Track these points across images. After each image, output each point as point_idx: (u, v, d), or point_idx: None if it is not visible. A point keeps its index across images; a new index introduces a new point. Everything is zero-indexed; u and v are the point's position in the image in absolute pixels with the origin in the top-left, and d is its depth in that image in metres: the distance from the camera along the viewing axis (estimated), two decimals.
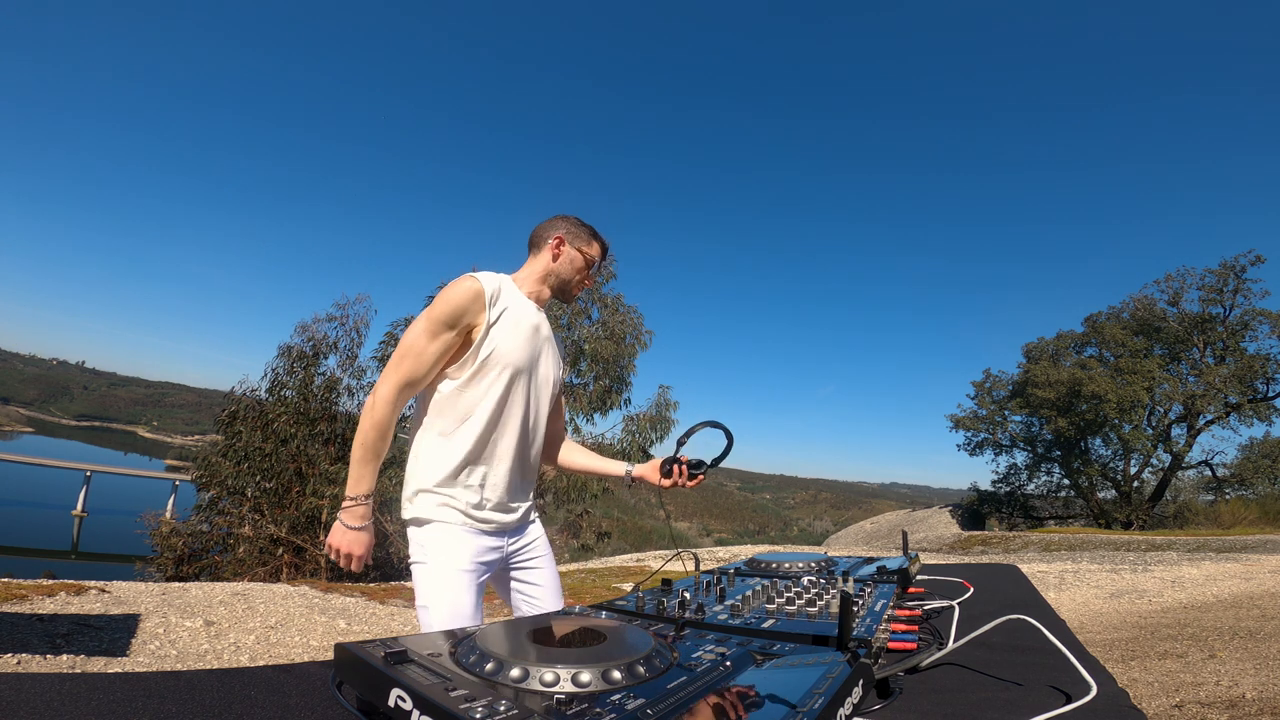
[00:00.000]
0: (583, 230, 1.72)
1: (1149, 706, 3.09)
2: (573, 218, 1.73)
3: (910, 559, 1.49)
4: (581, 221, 1.73)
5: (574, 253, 1.69)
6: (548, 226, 1.71)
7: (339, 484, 12.46)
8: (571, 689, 0.54)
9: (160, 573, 12.36)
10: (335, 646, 0.63)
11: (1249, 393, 23.33)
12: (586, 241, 1.71)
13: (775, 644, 0.75)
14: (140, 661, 3.89)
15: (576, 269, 1.70)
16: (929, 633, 1.04)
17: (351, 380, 14.22)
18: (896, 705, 0.73)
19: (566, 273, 1.69)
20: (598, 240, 1.74)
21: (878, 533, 23.86)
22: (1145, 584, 8.14)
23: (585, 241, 1.71)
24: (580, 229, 1.71)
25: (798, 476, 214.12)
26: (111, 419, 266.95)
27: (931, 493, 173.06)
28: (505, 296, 1.57)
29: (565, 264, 1.68)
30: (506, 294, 1.58)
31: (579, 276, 1.71)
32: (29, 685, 0.63)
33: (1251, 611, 5.71)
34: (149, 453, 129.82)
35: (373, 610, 6.25)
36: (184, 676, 0.71)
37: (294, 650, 4.58)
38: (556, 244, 1.68)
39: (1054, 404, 24.34)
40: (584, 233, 1.71)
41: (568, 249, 1.69)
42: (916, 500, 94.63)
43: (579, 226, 1.72)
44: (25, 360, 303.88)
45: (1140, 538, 17.05)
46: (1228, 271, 23.66)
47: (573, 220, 1.73)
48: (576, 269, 1.70)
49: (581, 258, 1.70)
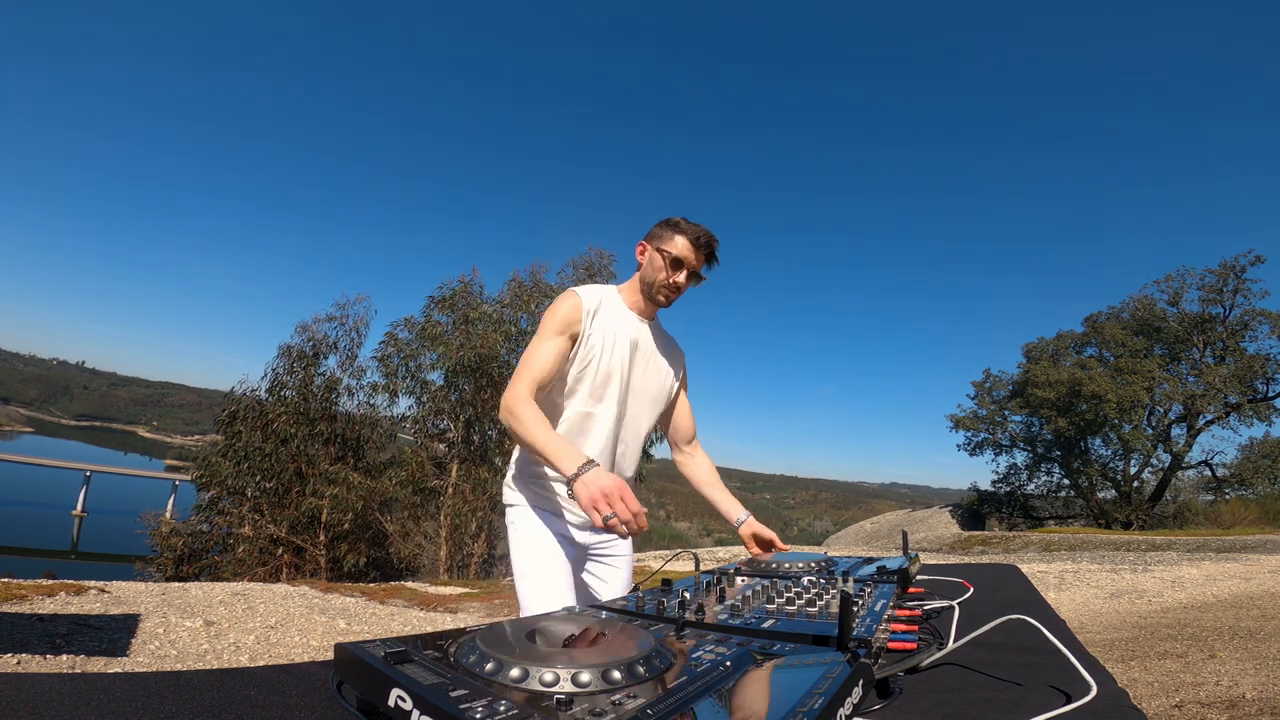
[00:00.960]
0: (665, 227, 1.66)
1: (1149, 706, 3.09)
2: (670, 218, 1.68)
3: (910, 559, 1.48)
4: (670, 219, 1.67)
5: (653, 253, 1.66)
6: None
7: (338, 484, 12.47)
8: (571, 689, 0.54)
9: (160, 573, 12.36)
10: (335, 646, 0.63)
11: (1249, 393, 23.33)
12: (667, 238, 1.64)
13: (775, 644, 0.75)
14: (140, 661, 3.89)
15: (657, 270, 1.65)
16: (929, 633, 1.04)
17: (351, 380, 14.25)
18: (896, 705, 0.73)
19: (650, 276, 1.66)
20: (680, 233, 1.64)
21: (878, 533, 23.86)
22: (1145, 584, 8.14)
23: (665, 238, 1.64)
24: (663, 226, 1.66)
25: (798, 476, 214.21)
26: (111, 419, 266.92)
27: (931, 493, 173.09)
28: (604, 310, 1.62)
29: (648, 268, 1.66)
30: (606, 308, 1.63)
31: (661, 277, 1.65)
32: (29, 685, 0.63)
33: (1251, 611, 5.71)
34: (149, 453, 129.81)
35: (373, 610, 6.25)
36: (184, 676, 0.71)
37: (294, 650, 4.58)
38: (640, 249, 1.69)
39: (1054, 404, 24.33)
40: (665, 230, 1.66)
41: (649, 251, 1.66)
42: (916, 500, 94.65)
43: (663, 224, 1.67)
44: (25, 360, 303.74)
45: (1140, 538, 17.05)
46: (1228, 271, 23.66)
47: (664, 220, 1.68)
48: (657, 270, 1.65)
49: (660, 257, 1.64)
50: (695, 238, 1.63)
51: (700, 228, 1.64)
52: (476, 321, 13.00)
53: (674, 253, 1.63)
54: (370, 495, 12.59)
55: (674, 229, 1.64)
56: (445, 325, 13.44)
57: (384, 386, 13.81)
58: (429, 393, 13.44)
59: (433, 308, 13.73)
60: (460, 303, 13.57)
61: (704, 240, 1.64)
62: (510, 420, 1.45)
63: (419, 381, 13.55)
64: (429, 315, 13.74)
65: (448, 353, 12.69)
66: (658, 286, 1.66)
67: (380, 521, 13.05)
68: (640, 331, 1.68)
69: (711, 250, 1.67)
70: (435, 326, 13.44)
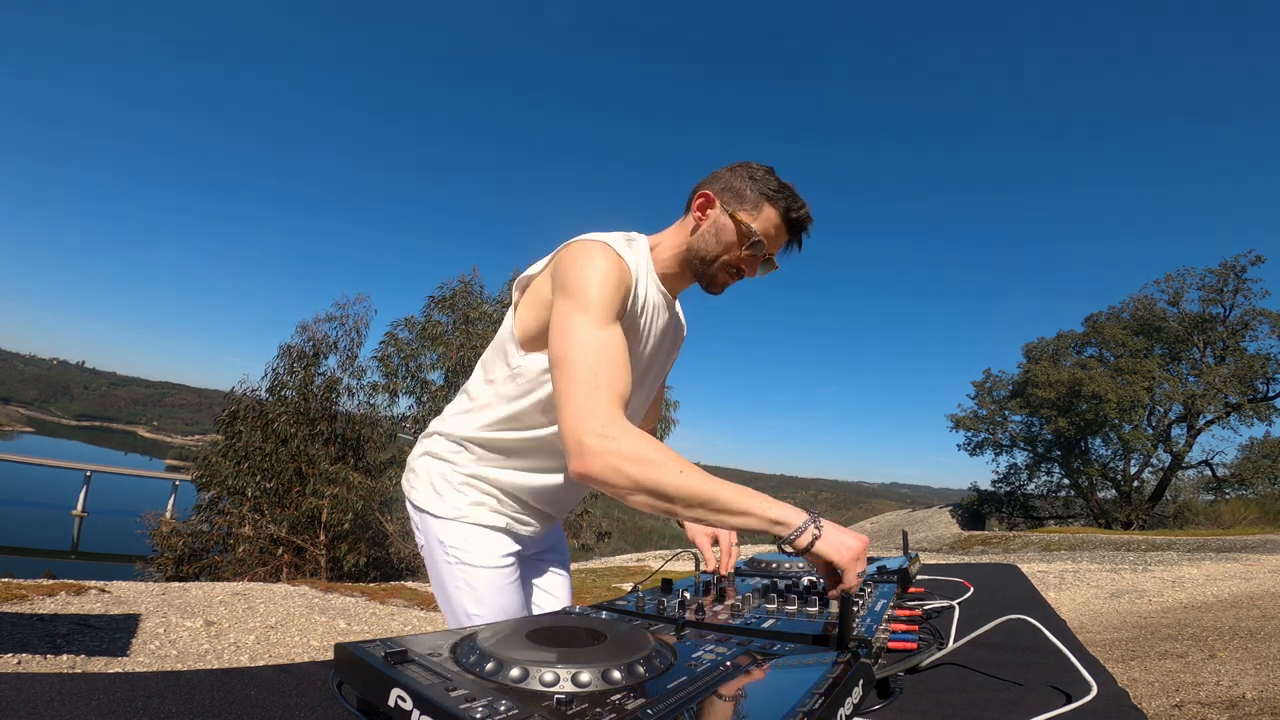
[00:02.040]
0: (750, 184, 1.14)
1: (1149, 706, 3.09)
2: (750, 166, 1.16)
3: (910, 559, 1.48)
4: (755, 170, 1.15)
5: (724, 220, 1.14)
6: (708, 180, 1.18)
7: (338, 484, 12.46)
8: (571, 689, 0.54)
9: (160, 573, 12.36)
10: (335, 646, 0.63)
11: (1249, 393, 23.36)
12: (752, 203, 1.13)
13: (775, 644, 0.75)
14: (140, 661, 3.89)
15: (725, 244, 1.14)
16: (929, 633, 1.03)
17: (351, 380, 14.25)
18: (896, 705, 0.73)
19: (708, 248, 1.15)
20: (773, 202, 1.13)
21: (878, 533, 23.85)
22: (1145, 584, 8.14)
23: (749, 202, 1.13)
24: (748, 181, 1.14)
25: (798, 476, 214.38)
26: (111, 419, 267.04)
27: (931, 492, 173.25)
28: (642, 286, 1.14)
29: (709, 236, 1.15)
30: (643, 279, 1.14)
31: (727, 256, 1.15)
32: (29, 685, 0.63)
33: (1252, 611, 5.71)
34: (149, 453, 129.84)
35: (373, 610, 6.25)
36: (184, 676, 0.71)
37: (294, 650, 4.58)
38: (701, 203, 1.16)
39: (1054, 404, 24.35)
40: (750, 188, 1.13)
41: (716, 212, 1.15)
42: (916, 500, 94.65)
43: (747, 177, 1.14)
44: (25, 360, 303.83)
45: (1140, 538, 17.05)
46: (1228, 271, 23.69)
47: (744, 170, 1.16)
48: (725, 244, 1.14)
49: (735, 228, 1.13)
50: (792, 214, 1.14)
51: (801, 200, 1.15)
52: (477, 321, 13.04)
53: (759, 231, 1.13)
54: (370, 495, 12.60)
55: (765, 192, 1.13)
56: (445, 325, 13.49)
57: (384, 386, 13.83)
58: (429, 393, 13.46)
59: (433, 308, 13.77)
60: (460, 302, 13.61)
61: (800, 220, 1.16)
62: (637, 471, 0.90)
63: (419, 381, 13.59)
64: (429, 315, 13.79)
65: (448, 353, 12.73)
66: (719, 266, 1.16)
67: (380, 521, 13.05)
68: (666, 314, 1.23)
69: (802, 233, 1.19)
70: (435, 326, 13.48)
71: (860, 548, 0.90)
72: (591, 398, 0.94)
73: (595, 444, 0.91)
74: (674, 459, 0.91)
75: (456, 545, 1.24)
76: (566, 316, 1.01)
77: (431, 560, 1.28)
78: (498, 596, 1.24)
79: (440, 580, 1.27)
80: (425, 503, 1.28)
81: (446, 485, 1.27)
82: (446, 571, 1.25)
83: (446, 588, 1.25)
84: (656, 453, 0.91)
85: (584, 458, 0.92)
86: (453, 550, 1.24)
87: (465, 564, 1.24)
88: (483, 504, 1.27)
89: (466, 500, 1.26)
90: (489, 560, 1.25)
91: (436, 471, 1.29)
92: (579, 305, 1.01)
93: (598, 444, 0.91)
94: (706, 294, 1.23)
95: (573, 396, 0.94)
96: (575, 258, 1.05)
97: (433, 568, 1.28)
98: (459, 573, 1.23)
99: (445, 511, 1.26)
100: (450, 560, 1.24)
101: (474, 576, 1.23)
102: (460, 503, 1.26)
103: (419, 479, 1.32)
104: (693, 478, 0.90)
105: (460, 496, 1.26)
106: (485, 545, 1.25)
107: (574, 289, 1.02)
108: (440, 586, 1.28)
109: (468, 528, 1.26)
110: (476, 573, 1.23)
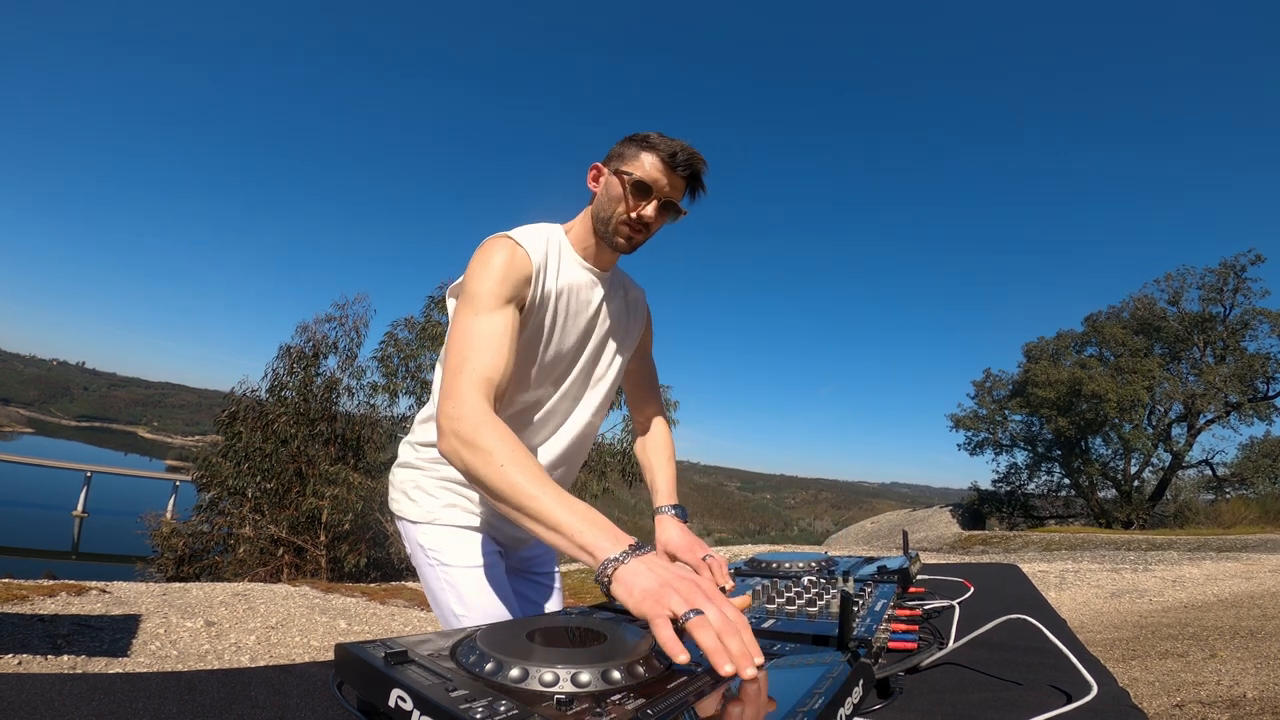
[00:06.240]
0: (629, 144, 1.18)
1: (1150, 706, 3.09)
2: (637, 133, 1.19)
3: (910, 559, 1.48)
4: (636, 134, 1.19)
5: (610, 178, 1.18)
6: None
7: (338, 484, 12.47)
8: (571, 689, 0.54)
9: (161, 573, 12.37)
10: (336, 647, 0.63)
11: (1249, 392, 23.34)
12: (630, 157, 1.16)
13: (775, 644, 0.75)
14: (141, 662, 3.89)
15: (615, 200, 1.17)
16: (929, 633, 1.03)
17: (351, 380, 14.25)
18: (896, 705, 0.73)
19: (605, 209, 1.18)
20: (649, 149, 1.15)
21: (878, 532, 23.84)
22: (1146, 583, 8.14)
23: (628, 157, 1.16)
24: (626, 143, 1.18)
25: (798, 476, 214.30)
26: (111, 419, 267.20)
27: (932, 492, 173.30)
28: (554, 265, 1.18)
29: (604, 198, 1.19)
30: (555, 261, 1.19)
31: (620, 210, 1.16)
32: (30, 685, 0.63)
33: (1252, 611, 5.71)
34: (149, 453, 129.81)
35: (373, 610, 6.25)
36: (184, 677, 0.71)
37: (294, 650, 4.59)
38: (593, 175, 1.22)
39: (1054, 403, 24.34)
40: (629, 146, 1.17)
41: (605, 176, 1.19)
42: (917, 500, 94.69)
43: (626, 140, 1.19)
44: (25, 360, 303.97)
45: (1141, 537, 17.05)
46: (1228, 271, 23.68)
47: (628, 136, 1.20)
48: (615, 200, 1.17)
49: (619, 182, 1.16)
50: (669, 154, 1.15)
51: (677, 142, 1.16)
52: None
53: (638, 175, 1.14)
54: (371, 495, 12.59)
55: (641, 144, 1.16)
56: (445, 325, 13.44)
57: (384, 386, 13.83)
58: (429, 393, 13.42)
59: (433, 308, 13.77)
60: None
61: (682, 158, 1.15)
62: (467, 456, 0.90)
63: (419, 381, 13.58)
64: (429, 315, 13.78)
65: None
66: (615, 223, 1.18)
67: (381, 522, 13.04)
68: (597, 289, 1.25)
69: (693, 172, 1.18)
70: (435, 326, 13.47)
71: (657, 588, 0.71)
72: (453, 381, 0.98)
73: (444, 424, 0.95)
74: (507, 450, 0.88)
75: (434, 548, 1.28)
76: (455, 312, 1.10)
77: (417, 564, 1.33)
78: (481, 595, 1.26)
79: (426, 583, 1.31)
80: (402, 510, 1.34)
81: (419, 491, 1.31)
82: (430, 574, 1.29)
83: (432, 589, 1.29)
84: (490, 440, 0.89)
85: (440, 439, 0.96)
86: (432, 553, 1.28)
87: (445, 564, 1.27)
88: (456, 505, 1.30)
89: (439, 503, 1.30)
90: (468, 560, 1.27)
91: (409, 479, 1.34)
92: (464, 299, 1.08)
93: (445, 424, 0.95)
94: (618, 252, 1.24)
95: (445, 381, 1.01)
96: (475, 257, 1.12)
97: (419, 572, 1.33)
98: (441, 574, 1.27)
99: (419, 516, 1.30)
100: (432, 563, 1.28)
101: (455, 577, 1.26)
102: (433, 506, 1.30)
103: (394, 489, 1.37)
104: (514, 475, 0.85)
105: (433, 500, 1.30)
106: (463, 546, 1.28)
107: (465, 285, 1.10)
108: (427, 589, 1.32)
109: (443, 529, 1.29)
110: (457, 573, 1.26)
